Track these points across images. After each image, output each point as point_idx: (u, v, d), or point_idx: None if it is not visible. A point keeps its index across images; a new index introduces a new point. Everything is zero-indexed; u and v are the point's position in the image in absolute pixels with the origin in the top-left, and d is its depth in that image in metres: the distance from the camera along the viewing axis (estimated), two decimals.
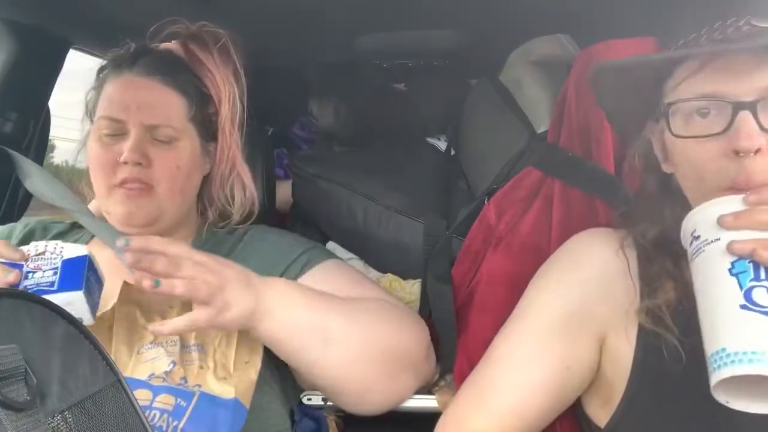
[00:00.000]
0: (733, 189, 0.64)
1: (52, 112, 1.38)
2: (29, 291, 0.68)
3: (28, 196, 1.24)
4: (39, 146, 1.36)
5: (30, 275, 0.70)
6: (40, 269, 0.70)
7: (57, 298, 0.67)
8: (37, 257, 0.71)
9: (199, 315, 0.73)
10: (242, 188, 1.01)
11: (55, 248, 0.73)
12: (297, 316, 0.80)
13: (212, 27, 0.99)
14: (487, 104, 1.28)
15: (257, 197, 1.03)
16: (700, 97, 0.66)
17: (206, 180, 1.00)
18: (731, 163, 0.64)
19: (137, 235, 0.87)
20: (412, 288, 1.23)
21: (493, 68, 1.34)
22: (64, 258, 0.72)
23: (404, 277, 1.25)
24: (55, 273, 0.71)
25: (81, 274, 0.72)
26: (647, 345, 0.73)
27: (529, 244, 1.04)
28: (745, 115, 0.63)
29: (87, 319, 0.71)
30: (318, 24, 1.33)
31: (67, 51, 1.36)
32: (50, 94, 1.37)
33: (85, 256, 0.74)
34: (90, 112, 0.97)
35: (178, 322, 0.73)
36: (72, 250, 0.74)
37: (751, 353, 0.56)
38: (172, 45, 1.00)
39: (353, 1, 1.21)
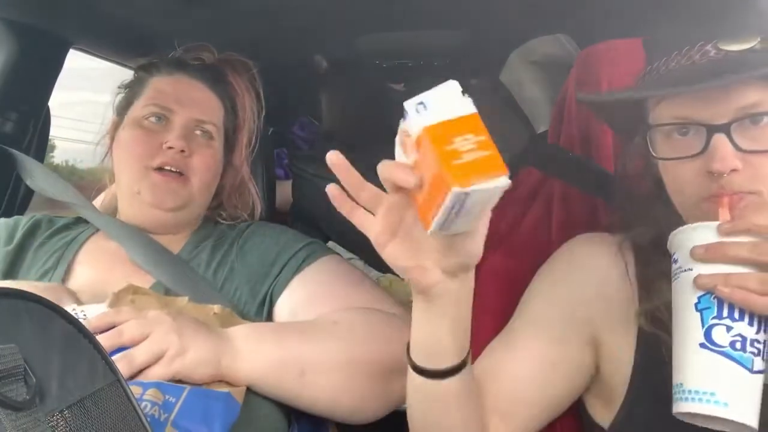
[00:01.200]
0: (712, 199, 0.66)
1: (52, 112, 1.38)
2: None
3: (29, 194, 1.24)
4: (39, 146, 1.36)
5: None
6: None
7: None
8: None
9: (156, 369, 0.72)
10: (247, 198, 1.09)
11: (77, 314, 0.74)
12: (266, 353, 0.78)
13: (239, 57, 1.09)
14: (487, 104, 1.28)
15: (259, 209, 1.10)
16: (676, 120, 0.68)
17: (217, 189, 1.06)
18: (709, 180, 0.66)
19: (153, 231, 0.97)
20: None
21: (493, 68, 1.34)
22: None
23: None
24: None
25: None
26: (647, 347, 0.73)
27: (529, 244, 1.04)
28: (720, 138, 0.64)
29: None
30: (318, 24, 1.33)
31: (67, 51, 1.36)
32: (50, 94, 1.37)
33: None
34: (121, 106, 1.03)
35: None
36: (92, 311, 0.76)
37: (704, 392, 0.58)
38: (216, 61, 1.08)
39: (353, 1, 1.21)
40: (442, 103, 0.54)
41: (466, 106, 0.54)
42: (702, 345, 0.60)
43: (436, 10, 1.26)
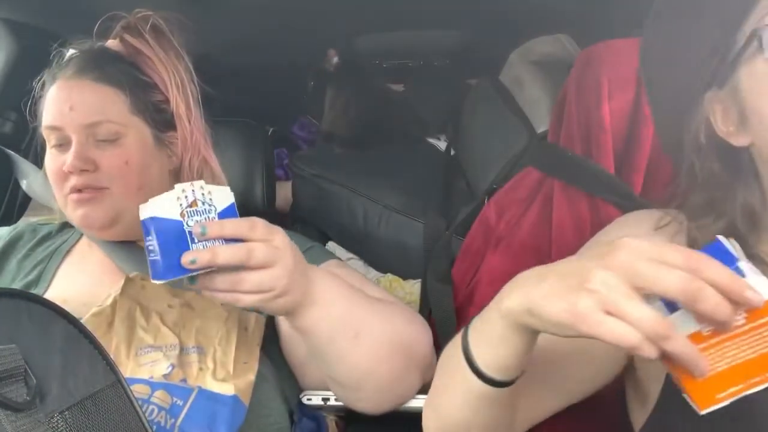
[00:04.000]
0: None
1: None
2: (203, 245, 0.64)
3: (28, 196, 1.24)
4: (39, 146, 1.36)
5: (194, 238, 0.65)
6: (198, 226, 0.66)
7: None
8: (191, 211, 0.67)
9: (248, 298, 0.68)
10: (211, 177, 0.97)
11: (203, 195, 0.68)
12: (335, 308, 0.78)
13: (144, 11, 0.94)
14: (487, 104, 1.28)
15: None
16: None
17: (174, 173, 0.96)
18: None
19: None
20: (412, 288, 1.23)
21: (493, 68, 1.34)
22: (218, 210, 0.68)
23: (404, 277, 1.25)
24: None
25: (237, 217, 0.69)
26: None
27: (529, 244, 1.04)
28: None
29: None
30: (318, 24, 1.33)
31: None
32: None
33: (233, 203, 0.70)
34: (39, 128, 0.94)
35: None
36: (219, 196, 0.69)
37: None
38: (110, 42, 0.96)
39: (353, 1, 1.21)
40: None
41: None
42: None
43: (436, 10, 1.26)
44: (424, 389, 0.94)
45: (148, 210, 0.65)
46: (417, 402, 0.91)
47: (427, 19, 1.33)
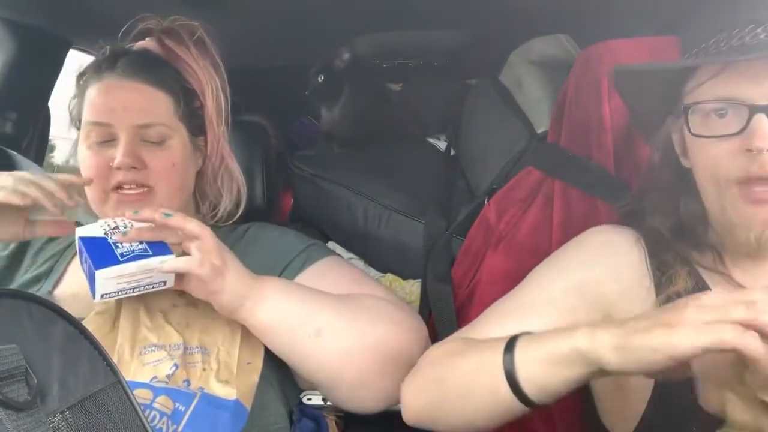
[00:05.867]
0: (749, 180, 0.67)
1: (52, 112, 1.38)
2: (126, 257, 0.76)
3: None
4: (39, 146, 1.36)
5: (118, 245, 0.77)
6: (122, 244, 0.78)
7: (154, 261, 0.76)
8: (112, 231, 0.79)
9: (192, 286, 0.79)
10: (231, 180, 1.01)
11: (124, 223, 0.81)
12: (290, 306, 0.82)
13: (185, 20, 0.97)
14: (487, 104, 1.28)
15: (244, 191, 1.03)
16: (718, 100, 0.70)
17: (198, 175, 1.00)
18: (745, 160, 0.67)
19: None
20: (412, 288, 1.23)
21: (493, 68, 1.34)
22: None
23: (404, 277, 1.25)
24: (141, 242, 0.78)
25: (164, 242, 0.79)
26: None
27: (529, 244, 1.04)
28: (760, 118, 0.66)
29: (170, 281, 0.78)
30: (318, 24, 1.33)
31: (67, 51, 1.36)
32: (50, 94, 1.37)
33: None
34: (74, 120, 0.96)
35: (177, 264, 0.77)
36: (139, 225, 0.80)
37: None
38: (148, 42, 0.98)
39: (353, 1, 1.21)
40: None
41: None
42: None
43: (436, 10, 1.26)
44: None
45: (77, 233, 0.79)
46: None
47: (427, 19, 1.33)
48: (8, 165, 1.16)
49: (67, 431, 0.47)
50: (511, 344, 0.63)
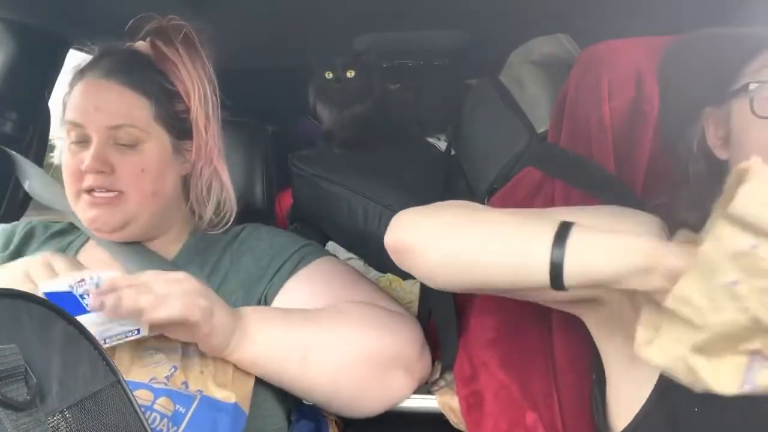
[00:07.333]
0: None
1: (52, 113, 1.38)
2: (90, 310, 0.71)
3: (29, 195, 1.24)
4: (39, 146, 1.36)
5: (84, 297, 0.72)
6: (89, 294, 0.73)
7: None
8: (79, 284, 0.74)
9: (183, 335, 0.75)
10: (220, 187, 0.99)
11: (90, 276, 0.74)
12: (273, 335, 0.80)
13: (178, 19, 0.95)
14: (487, 104, 1.28)
15: (234, 199, 1.00)
16: None
17: (189, 180, 0.98)
18: None
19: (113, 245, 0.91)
20: (412, 288, 1.22)
21: (493, 68, 1.34)
22: (103, 279, 0.74)
23: (404, 277, 1.25)
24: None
25: None
26: None
27: None
28: None
29: (145, 329, 0.74)
30: (318, 24, 1.33)
31: (67, 51, 1.36)
32: (50, 94, 1.37)
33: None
34: (62, 120, 0.95)
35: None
36: (107, 274, 0.75)
37: None
38: (140, 43, 0.97)
39: (353, 1, 1.21)
40: None
41: None
42: None
43: (436, 10, 1.27)
44: (422, 389, 0.94)
45: (41, 288, 0.73)
46: (415, 402, 0.91)
47: (427, 19, 1.33)
48: (8, 165, 1.16)
49: (66, 431, 0.47)
50: (566, 230, 0.63)
